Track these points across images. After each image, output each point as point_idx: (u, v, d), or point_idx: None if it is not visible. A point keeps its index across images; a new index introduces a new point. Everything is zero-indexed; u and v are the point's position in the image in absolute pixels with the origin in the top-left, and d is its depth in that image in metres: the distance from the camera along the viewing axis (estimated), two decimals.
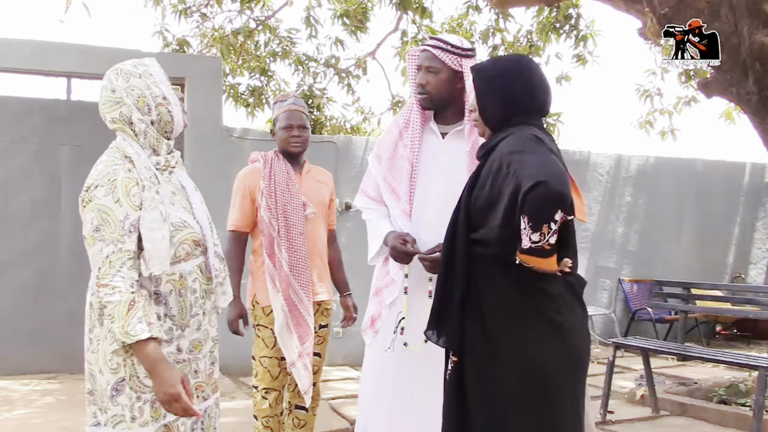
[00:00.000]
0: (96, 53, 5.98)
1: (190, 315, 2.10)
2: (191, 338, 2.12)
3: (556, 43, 8.00)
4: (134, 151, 2.04)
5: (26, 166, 6.06)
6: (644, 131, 9.00)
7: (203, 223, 2.16)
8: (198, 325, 2.13)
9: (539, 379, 2.07)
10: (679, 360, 6.77)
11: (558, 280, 2.12)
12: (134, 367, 1.98)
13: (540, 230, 1.96)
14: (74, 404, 4.98)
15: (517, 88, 2.24)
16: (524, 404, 2.08)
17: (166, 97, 2.07)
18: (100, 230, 1.93)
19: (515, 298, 2.11)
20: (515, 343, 2.10)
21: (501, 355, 2.11)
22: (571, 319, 2.13)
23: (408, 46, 8.91)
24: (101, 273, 1.93)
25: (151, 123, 2.07)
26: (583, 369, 2.18)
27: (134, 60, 2.10)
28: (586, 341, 2.20)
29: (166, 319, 2.04)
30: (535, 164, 2.00)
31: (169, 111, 2.08)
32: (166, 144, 2.11)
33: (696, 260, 8.19)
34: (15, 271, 5.95)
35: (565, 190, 1.97)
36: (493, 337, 2.12)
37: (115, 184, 1.96)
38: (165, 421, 2.04)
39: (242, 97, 8.68)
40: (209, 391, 2.20)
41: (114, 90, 2.04)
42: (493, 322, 2.13)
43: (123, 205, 1.95)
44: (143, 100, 2.04)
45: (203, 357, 2.16)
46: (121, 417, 1.99)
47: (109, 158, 2.04)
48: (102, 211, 1.94)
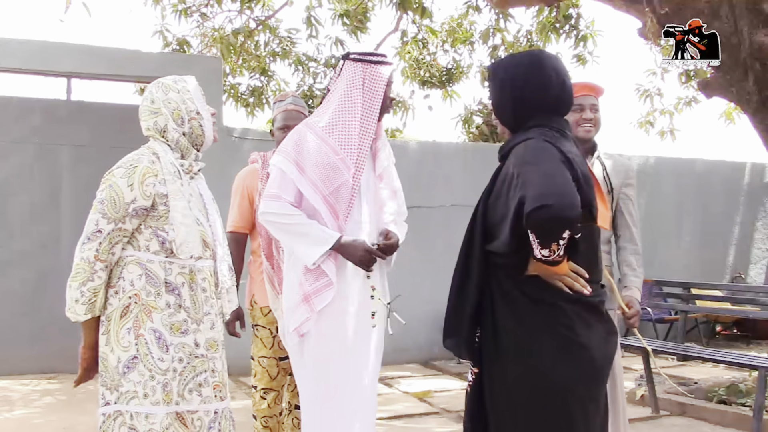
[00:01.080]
0: (96, 53, 5.98)
1: (204, 312, 2.19)
2: (207, 336, 2.20)
3: (556, 43, 8.00)
4: (162, 149, 2.21)
5: (26, 166, 6.07)
6: (644, 131, 9.00)
7: (216, 231, 2.29)
8: (212, 324, 2.23)
9: (547, 394, 2.03)
10: (679, 360, 6.77)
11: (570, 296, 2.06)
12: (147, 347, 2.09)
13: (549, 247, 1.94)
14: (74, 404, 4.99)
15: (527, 88, 2.15)
16: (534, 417, 2.05)
17: (200, 113, 2.26)
18: (103, 204, 2.12)
19: (526, 311, 2.07)
20: (524, 356, 2.05)
21: (511, 367, 2.08)
22: (587, 334, 2.06)
23: (408, 46, 8.92)
24: (101, 249, 2.10)
25: (183, 134, 2.25)
26: (598, 382, 2.12)
27: (175, 76, 2.30)
28: (603, 356, 2.12)
29: (180, 310, 2.15)
30: (541, 182, 1.92)
31: (201, 125, 2.27)
32: (194, 154, 2.28)
33: (696, 260, 8.19)
34: (15, 271, 5.95)
35: (569, 214, 1.88)
36: (505, 349, 2.09)
37: (135, 170, 2.14)
38: (178, 408, 2.11)
39: (242, 97, 8.68)
40: (226, 391, 2.27)
41: (153, 101, 2.24)
42: (504, 333, 2.09)
43: (134, 190, 2.12)
44: (178, 113, 2.23)
45: (219, 358, 2.25)
46: (134, 393, 2.08)
47: (139, 150, 2.23)
48: (113, 188, 2.13)
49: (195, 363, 2.15)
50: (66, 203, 6.10)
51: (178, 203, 2.15)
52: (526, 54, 2.38)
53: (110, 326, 2.12)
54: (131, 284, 2.12)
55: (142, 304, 2.11)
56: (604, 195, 2.19)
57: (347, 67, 2.78)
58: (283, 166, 2.67)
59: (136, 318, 2.10)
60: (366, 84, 2.75)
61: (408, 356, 6.77)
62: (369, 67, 2.76)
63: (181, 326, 2.13)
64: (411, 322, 7.60)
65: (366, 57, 2.80)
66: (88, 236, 2.11)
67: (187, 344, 2.14)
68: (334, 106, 2.75)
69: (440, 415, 4.90)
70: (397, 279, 6.62)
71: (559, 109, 2.20)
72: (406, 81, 9.34)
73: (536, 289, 2.06)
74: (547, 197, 1.87)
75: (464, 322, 2.17)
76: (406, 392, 5.60)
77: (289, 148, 2.70)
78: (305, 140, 2.70)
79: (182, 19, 8.03)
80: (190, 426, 2.13)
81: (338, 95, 2.76)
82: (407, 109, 9.42)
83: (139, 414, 2.07)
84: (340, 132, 2.70)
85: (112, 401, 2.10)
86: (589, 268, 2.10)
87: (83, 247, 2.11)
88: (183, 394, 2.13)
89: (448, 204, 6.71)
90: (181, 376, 2.12)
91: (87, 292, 2.11)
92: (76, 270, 2.12)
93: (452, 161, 7.17)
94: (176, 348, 2.12)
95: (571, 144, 2.13)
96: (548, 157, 2.00)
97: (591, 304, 2.11)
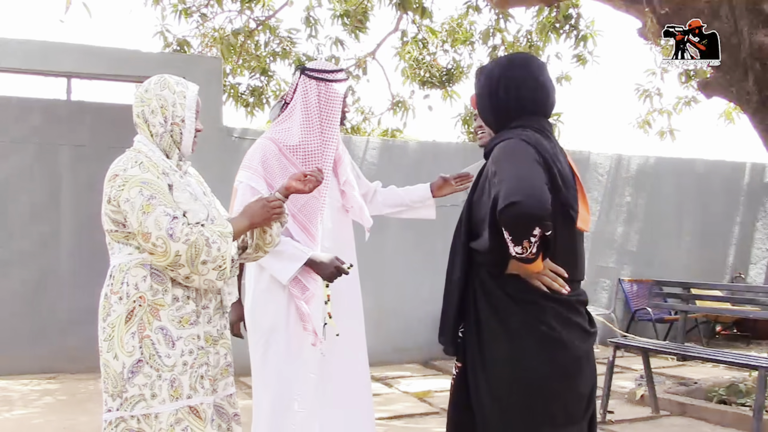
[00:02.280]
0: (96, 53, 5.98)
1: (202, 305, 2.20)
2: (204, 330, 2.20)
3: (556, 43, 7.99)
4: (149, 149, 2.20)
5: (26, 166, 6.07)
6: (643, 131, 8.99)
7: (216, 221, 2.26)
8: (209, 318, 2.22)
9: (527, 388, 2.10)
10: (679, 360, 6.77)
11: (548, 295, 2.13)
12: (154, 347, 2.08)
13: (521, 244, 1.99)
14: (74, 404, 4.99)
15: (511, 89, 2.22)
16: (515, 410, 2.11)
17: (185, 121, 2.22)
18: (156, 197, 2.06)
19: (507, 308, 2.14)
20: (506, 352, 2.12)
21: (492, 363, 2.14)
22: (565, 331, 2.13)
23: (408, 46, 8.92)
24: (183, 231, 2.03)
25: (164, 132, 2.22)
26: (576, 376, 2.17)
27: (181, 79, 2.28)
28: (582, 352, 2.18)
29: (189, 301, 2.15)
30: (513, 180, 1.99)
31: (181, 133, 2.23)
32: (177, 153, 2.25)
33: (696, 260, 8.19)
34: (15, 271, 5.95)
35: (538, 211, 1.95)
36: (487, 345, 2.15)
37: (145, 166, 2.12)
38: (190, 402, 2.11)
39: (242, 97, 8.67)
40: (223, 384, 2.28)
41: (147, 90, 2.22)
42: (487, 331, 2.16)
43: (161, 178, 2.11)
44: (164, 111, 2.20)
45: (215, 353, 2.24)
46: (139, 397, 2.07)
47: (126, 154, 2.21)
48: (147, 183, 2.08)
49: (200, 354, 2.16)
50: (66, 203, 6.10)
51: (181, 195, 2.14)
52: (509, 57, 2.47)
53: (114, 332, 2.09)
54: (135, 287, 2.10)
55: (148, 305, 2.09)
56: (586, 197, 2.26)
57: (302, 82, 2.79)
58: (254, 183, 2.69)
59: (140, 321, 2.08)
60: (321, 102, 2.77)
61: (408, 356, 6.78)
62: (323, 85, 2.78)
63: (189, 318, 2.13)
64: (411, 322, 7.65)
65: (321, 75, 2.79)
66: (169, 227, 2.01)
67: (195, 335, 2.14)
68: (297, 123, 2.77)
69: (440, 415, 4.89)
70: (397, 279, 6.66)
71: (543, 111, 2.27)
72: (406, 81, 9.34)
73: (517, 287, 2.13)
74: (515, 194, 1.94)
75: (449, 319, 2.25)
76: (406, 392, 5.60)
77: (256, 164, 2.72)
78: (271, 156, 2.72)
79: (182, 19, 8.03)
80: (205, 418, 2.12)
81: (298, 112, 2.77)
82: (407, 109, 9.43)
83: (148, 416, 2.06)
84: (303, 151, 2.75)
85: (114, 408, 2.08)
86: (567, 267, 2.16)
87: (175, 237, 2.01)
88: (195, 387, 2.13)
89: (448, 204, 6.68)
90: (191, 368, 2.12)
91: (223, 245, 2.06)
92: (195, 250, 2.02)
93: (452, 161, 7.16)
94: (185, 341, 2.12)
95: (553, 144, 2.19)
96: (522, 156, 2.07)
97: (570, 302, 2.18)
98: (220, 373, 2.28)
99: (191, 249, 2.03)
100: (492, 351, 2.14)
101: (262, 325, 2.79)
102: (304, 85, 2.78)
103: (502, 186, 1.99)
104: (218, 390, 2.27)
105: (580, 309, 2.23)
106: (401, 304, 6.75)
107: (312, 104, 2.76)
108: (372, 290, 5.71)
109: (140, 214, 2.04)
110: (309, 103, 2.76)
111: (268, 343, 2.77)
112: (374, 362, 6.36)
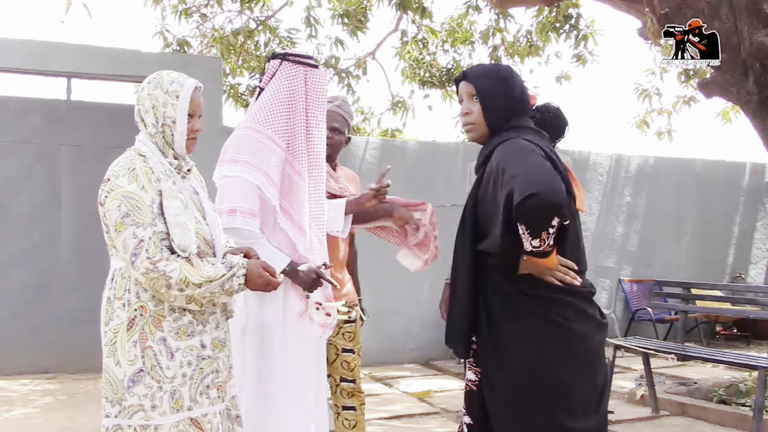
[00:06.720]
0: (96, 53, 5.98)
1: (209, 312, 2.17)
2: (213, 336, 2.18)
3: (556, 42, 8.00)
4: (148, 149, 2.17)
5: (26, 166, 6.06)
6: (641, 131, 9.00)
7: (214, 229, 2.23)
8: (217, 323, 2.20)
9: (545, 381, 2.13)
10: (679, 360, 6.77)
11: (563, 289, 2.16)
12: (156, 358, 2.05)
13: (539, 237, 2.02)
14: (74, 404, 4.99)
15: (516, 90, 2.33)
16: (532, 404, 2.14)
17: (176, 122, 2.18)
18: (130, 216, 2.02)
19: (522, 306, 2.17)
20: (523, 350, 2.15)
21: (510, 361, 2.17)
22: (581, 321, 2.18)
23: (408, 46, 8.92)
24: (150, 253, 2.00)
25: (156, 132, 2.19)
26: (592, 366, 2.22)
27: (177, 77, 2.20)
28: (596, 342, 2.24)
29: (185, 312, 2.11)
30: (528, 174, 2.03)
31: (172, 134, 2.19)
32: (172, 152, 2.21)
33: (696, 260, 8.19)
34: (15, 271, 5.95)
35: (557, 200, 2.00)
36: (503, 345, 2.18)
37: (136, 173, 2.07)
38: (191, 413, 2.08)
39: (242, 97, 8.68)
40: (226, 391, 2.24)
41: (143, 88, 2.21)
42: (502, 331, 2.18)
43: (148, 191, 2.06)
44: (155, 112, 2.17)
45: (224, 357, 2.22)
46: (138, 407, 2.04)
47: (125, 154, 2.17)
48: (129, 197, 2.04)
49: (203, 365, 2.13)
50: (66, 203, 6.10)
51: (171, 203, 2.07)
52: (500, 64, 2.55)
53: (116, 339, 2.06)
54: (137, 296, 2.07)
55: (150, 316, 2.06)
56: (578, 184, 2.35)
57: (286, 68, 2.71)
58: (252, 178, 2.57)
59: (142, 330, 2.05)
60: (309, 87, 2.71)
61: (408, 356, 6.78)
62: (311, 70, 2.73)
63: (186, 329, 2.10)
64: (411, 323, 7.64)
65: (306, 60, 2.75)
66: (133, 253, 1.99)
67: (194, 346, 2.11)
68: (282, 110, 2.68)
69: (440, 415, 4.90)
70: (397, 279, 6.66)
71: (528, 112, 2.37)
72: (405, 81, 9.34)
73: (531, 285, 2.16)
74: (533, 187, 1.98)
75: (459, 323, 2.27)
76: (405, 392, 5.60)
77: (245, 157, 2.60)
78: (260, 146, 2.62)
79: (182, 19, 8.03)
80: (207, 429, 2.10)
81: (282, 99, 2.68)
82: (407, 109, 9.43)
83: (146, 427, 2.04)
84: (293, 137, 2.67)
85: (113, 414, 2.06)
86: (575, 257, 2.23)
87: (135, 266, 1.99)
88: (195, 398, 2.10)
89: (448, 204, 6.69)
90: (191, 380, 2.09)
91: (191, 285, 2.01)
92: (155, 286, 2.00)
93: (452, 161, 7.18)
94: (183, 353, 2.08)
95: (546, 142, 2.28)
96: (530, 152, 2.13)
97: (584, 294, 2.24)
98: (227, 376, 2.26)
99: (149, 282, 2.01)
100: (510, 350, 2.17)
101: (258, 323, 2.74)
102: (290, 71, 2.70)
103: (516, 181, 2.02)
104: (226, 394, 2.25)
105: (593, 300, 2.28)
106: (401, 304, 6.75)
107: (299, 89, 2.69)
108: (372, 290, 5.71)
109: (113, 231, 2.04)
110: (296, 88, 2.69)
111: (263, 342, 2.70)
112: (374, 362, 6.43)
